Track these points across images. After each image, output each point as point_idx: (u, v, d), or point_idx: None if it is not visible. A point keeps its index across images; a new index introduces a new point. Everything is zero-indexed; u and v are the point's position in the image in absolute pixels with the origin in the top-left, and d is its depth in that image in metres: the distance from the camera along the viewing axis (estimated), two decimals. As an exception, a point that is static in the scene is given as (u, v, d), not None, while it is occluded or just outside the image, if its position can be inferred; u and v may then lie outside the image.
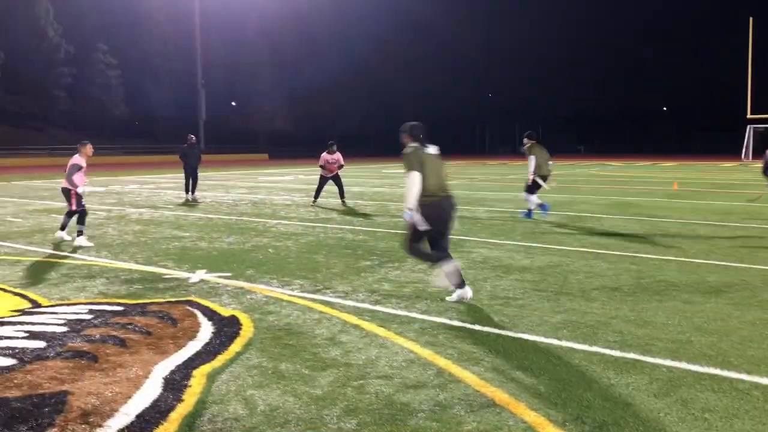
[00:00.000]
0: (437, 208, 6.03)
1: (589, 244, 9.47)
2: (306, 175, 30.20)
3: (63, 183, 9.82)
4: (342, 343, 4.87)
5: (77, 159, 9.74)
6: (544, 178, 12.62)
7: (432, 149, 6.22)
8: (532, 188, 12.51)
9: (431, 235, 6.11)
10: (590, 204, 15.53)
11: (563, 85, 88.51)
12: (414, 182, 5.92)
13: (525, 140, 12.77)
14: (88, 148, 9.93)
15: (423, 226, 6.01)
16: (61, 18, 63.99)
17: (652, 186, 22.37)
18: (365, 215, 13.32)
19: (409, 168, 5.96)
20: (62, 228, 10.00)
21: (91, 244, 9.62)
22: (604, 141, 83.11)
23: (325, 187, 16.06)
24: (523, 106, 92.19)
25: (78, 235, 9.74)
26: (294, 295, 6.39)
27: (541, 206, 12.61)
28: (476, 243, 9.60)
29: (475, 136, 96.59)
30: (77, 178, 9.64)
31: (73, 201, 9.74)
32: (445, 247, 6.20)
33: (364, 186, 22.60)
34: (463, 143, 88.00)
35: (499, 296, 6.31)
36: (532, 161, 12.40)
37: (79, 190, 9.69)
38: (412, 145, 6.13)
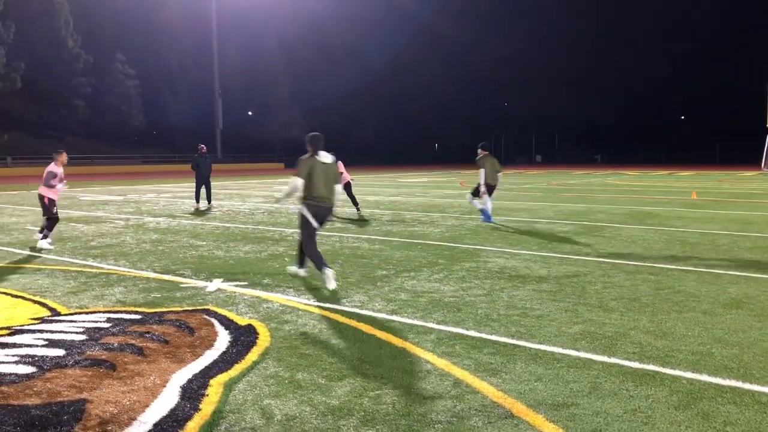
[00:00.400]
0: (319, 211, 7.29)
1: (607, 254, 9.40)
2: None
3: (39, 189, 10.49)
4: (358, 353, 4.86)
5: (53, 167, 10.43)
6: (492, 188, 13.56)
7: (327, 159, 7.38)
8: (477, 192, 13.69)
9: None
10: (607, 214, 15.43)
11: (580, 94, 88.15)
12: (294, 187, 7.23)
13: (479, 151, 13.70)
14: (64, 157, 10.64)
15: (313, 222, 7.26)
16: (81, 29, 64.88)
17: (670, 195, 22.18)
18: (381, 224, 13.32)
19: (297, 174, 7.22)
20: (44, 236, 10.55)
21: (53, 247, 10.16)
22: (621, 150, 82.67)
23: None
24: (539, 116, 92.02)
25: (42, 238, 10.29)
26: (310, 305, 6.39)
27: (482, 212, 13.59)
28: (493, 253, 9.56)
29: (490, 146, 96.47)
30: (54, 183, 10.31)
31: (48, 206, 10.34)
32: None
33: (379, 195, 22.62)
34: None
35: (516, 306, 6.27)
36: (482, 174, 13.38)
37: (59, 186, 10.40)
38: (310, 154, 7.33)
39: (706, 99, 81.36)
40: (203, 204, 17.65)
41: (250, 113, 79.91)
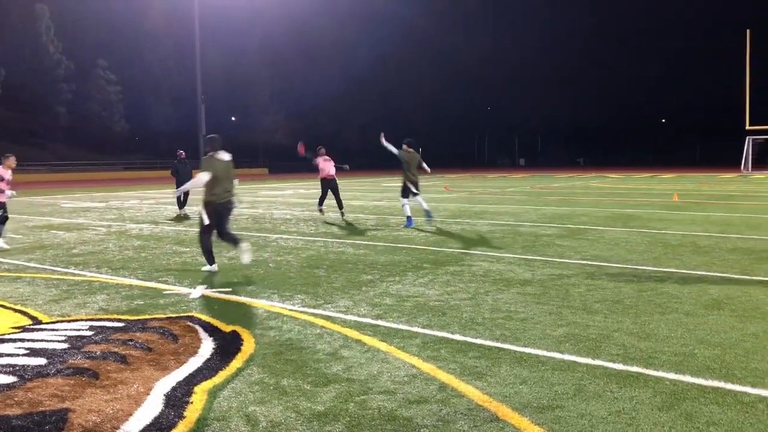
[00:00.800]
0: (219, 207, 8.16)
1: (590, 256, 9.46)
2: (306, 189, 30.24)
3: None
4: (344, 359, 4.85)
5: (0, 170, 10.59)
6: (415, 185, 13.66)
7: (226, 157, 8.29)
8: (405, 193, 13.68)
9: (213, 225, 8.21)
10: (590, 216, 15.54)
11: (563, 97, 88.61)
12: (201, 179, 8.04)
13: (404, 146, 13.71)
14: (11, 161, 10.90)
15: (207, 221, 8.14)
16: (62, 35, 64.38)
17: (652, 198, 22.38)
18: (365, 229, 13.32)
19: (203, 169, 8.07)
20: None
21: (8, 247, 10.53)
22: (603, 153, 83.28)
23: (326, 201, 16.10)
24: (522, 119, 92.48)
25: None
26: (295, 310, 6.37)
27: (426, 212, 13.72)
28: (477, 256, 9.59)
29: (474, 148, 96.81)
30: (1, 187, 10.54)
31: None
32: (225, 232, 8.32)
33: (363, 200, 22.62)
34: (463, 155, 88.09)
35: (501, 310, 6.29)
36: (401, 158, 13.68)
37: (8, 193, 10.59)
38: (210, 153, 8.19)
39: (687, 102, 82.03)
40: (185, 210, 17.54)
41: (233, 118, 79.52)
